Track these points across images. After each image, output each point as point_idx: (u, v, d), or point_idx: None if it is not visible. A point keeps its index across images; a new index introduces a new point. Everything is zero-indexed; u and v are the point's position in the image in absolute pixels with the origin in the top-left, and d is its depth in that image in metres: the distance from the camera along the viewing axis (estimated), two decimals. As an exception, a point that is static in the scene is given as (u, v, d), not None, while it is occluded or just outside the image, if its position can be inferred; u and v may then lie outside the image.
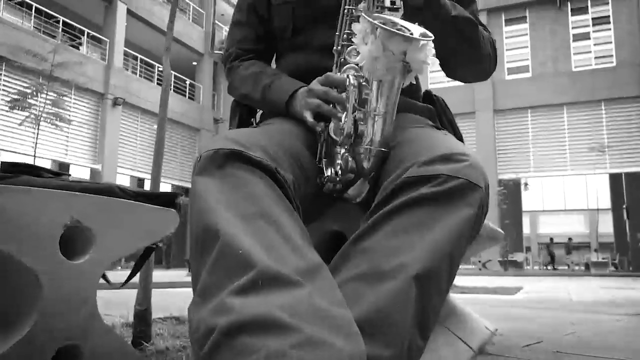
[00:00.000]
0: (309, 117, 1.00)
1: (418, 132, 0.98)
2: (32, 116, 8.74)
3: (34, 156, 10.15)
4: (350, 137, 0.93)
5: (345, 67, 1.01)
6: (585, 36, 18.33)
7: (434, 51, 0.91)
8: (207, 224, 0.69)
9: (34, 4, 14.01)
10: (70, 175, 1.43)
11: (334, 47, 1.03)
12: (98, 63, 15.29)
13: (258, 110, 1.26)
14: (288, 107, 1.08)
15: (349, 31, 1.02)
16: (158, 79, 18.23)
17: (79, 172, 16.40)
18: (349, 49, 1.02)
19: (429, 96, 1.27)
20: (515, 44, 19.25)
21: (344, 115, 0.95)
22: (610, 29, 17.96)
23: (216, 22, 20.87)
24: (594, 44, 18.22)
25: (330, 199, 1.01)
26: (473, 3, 1.20)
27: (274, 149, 0.84)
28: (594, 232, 25.43)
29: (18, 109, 8.73)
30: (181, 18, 18.54)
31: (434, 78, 18.60)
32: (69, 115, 10.87)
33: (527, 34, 19.11)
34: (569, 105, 17.91)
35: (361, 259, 0.72)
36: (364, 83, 0.95)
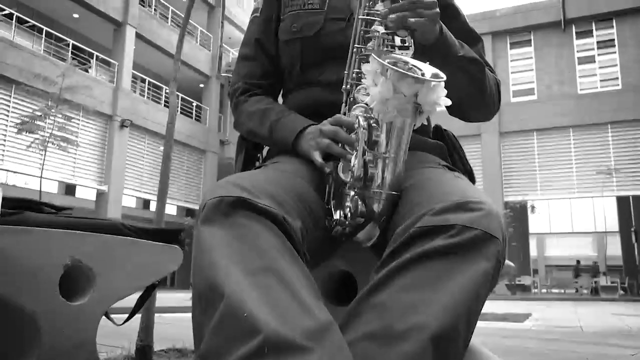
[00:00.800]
0: (317, 157, 0.98)
1: (430, 174, 0.95)
2: (40, 139, 8.80)
3: (41, 177, 10.20)
4: (360, 180, 0.90)
5: (354, 107, 0.98)
6: (591, 59, 18.39)
7: (446, 91, 0.89)
8: (211, 280, 0.66)
9: (45, 28, 14.21)
10: (72, 209, 1.41)
11: (343, 86, 1.01)
12: (106, 85, 15.45)
13: (265, 145, 1.23)
14: (295, 146, 1.05)
15: (358, 70, 1.00)
16: (165, 101, 18.38)
17: (86, 193, 16.47)
18: (358, 87, 0.99)
19: (439, 131, 1.24)
20: (520, 66, 19.33)
21: (353, 157, 0.92)
22: (615, 52, 18.02)
23: (223, 45, 21.11)
24: (600, 67, 18.26)
25: (340, 240, 0.98)
26: (479, 41, 1.19)
27: (281, 193, 0.81)
28: (602, 255, 25.17)
29: (26, 133, 8.80)
30: (189, 42, 18.77)
31: (440, 100, 18.61)
32: (77, 136, 10.94)
33: (532, 57, 19.20)
34: (575, 128, 17.88)
35: (373, 316, 0.68)
36: (374, 124, 0.92)
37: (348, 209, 0.92)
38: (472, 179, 1.21)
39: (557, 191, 18.22)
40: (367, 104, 0.94)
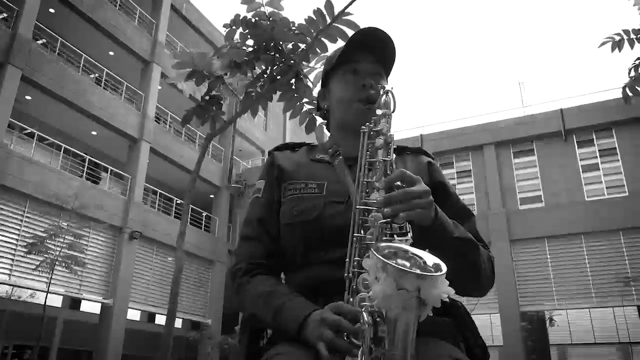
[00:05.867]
0: (323, 350, 0.95)
1: None
2: (48, 260, 8.81)
3: (47, 292, 10.07)
4: (368, 381, 0.86)
5: (357, 297, 0.97)
6: (594, 167, 18.66)
7: (447, 282, 0.89)
8: None
9: (64, 145, 14.80)
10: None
11: (345, 273, 1.01)
12: (118, 198, 15.74)
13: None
14: (301, 334, 1.03)
15: (358, 258, 1.00)
16: (176, 213, 18.61)
17: (91, 306, 16.14)
18: (360, 276, 0.99)
19: (446, 303, 1.21)
20: (525, 175, 19.61)
21: (360, 354, 0.89)
22: (618, 160, 18.32)
23: (233, 157, 21.83)
24: (604, 174, 18.48)
25: None
26: (472, 216, 1.23)
27: None
28: (630, 368, 23.71)
29: (34, 253, 8.83)
30: (201, 154, 19.39)
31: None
32: (86, 250, 10.95)
33: (536, 166, 19.54)
34: (586, 235, 17.69)
35: None
36: (378, 319, 0.90)
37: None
38: (486, 354, 1.18)
39: (575, 301, 17.62)
40: (370, 297, 0.93)
